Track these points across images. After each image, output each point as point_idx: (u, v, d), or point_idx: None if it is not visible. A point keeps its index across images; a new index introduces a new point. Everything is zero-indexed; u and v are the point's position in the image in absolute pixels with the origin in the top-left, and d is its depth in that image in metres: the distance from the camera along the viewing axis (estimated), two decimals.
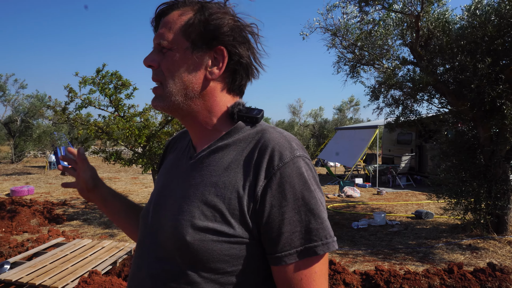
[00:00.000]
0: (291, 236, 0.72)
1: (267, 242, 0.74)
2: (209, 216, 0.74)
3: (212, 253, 0.73)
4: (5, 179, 13.35)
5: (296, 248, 0.72)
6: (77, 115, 6.73)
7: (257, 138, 0.79)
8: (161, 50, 0.81)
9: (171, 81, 0.80)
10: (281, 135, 0.79)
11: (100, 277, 3.66)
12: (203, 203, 0.76)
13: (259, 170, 0.74)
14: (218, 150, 0.81)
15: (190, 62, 0.80)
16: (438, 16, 5.55)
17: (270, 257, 0.75)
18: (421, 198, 9.24)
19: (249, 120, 0.83)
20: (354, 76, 6.96)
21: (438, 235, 5.91)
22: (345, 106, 30.08)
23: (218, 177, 0.77)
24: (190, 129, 0.87)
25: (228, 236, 0.73)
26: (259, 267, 0.77)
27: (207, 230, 0.73)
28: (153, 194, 0.90)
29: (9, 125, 20.36)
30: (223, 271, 0.75)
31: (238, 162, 0.78)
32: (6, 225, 6.35)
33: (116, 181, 12.91)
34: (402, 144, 12.99)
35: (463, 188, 5.50)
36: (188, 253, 0.74)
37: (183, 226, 0.75)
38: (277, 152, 0.75)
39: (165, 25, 0.81)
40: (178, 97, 0.80)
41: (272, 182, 0.73)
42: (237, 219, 0.74)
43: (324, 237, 0.73)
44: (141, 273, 0.82)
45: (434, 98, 6.25)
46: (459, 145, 5.75)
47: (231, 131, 0.83)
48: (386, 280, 3.76)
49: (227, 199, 0.75)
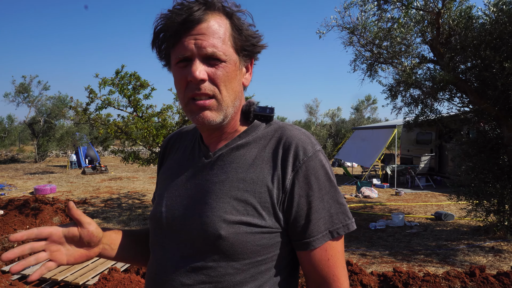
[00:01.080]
0: (317, 222, 0.80)
1: (295, 230, 0.81)
2: (241, 210, 0.79)
3: (245, 244, 0.78)
4: (29, 178, 13.78)
5: (322, 233, 0.80)
6: (97, 115, 6.88)
7: (278, 135, 0.85)
8: (207, 60, 0.78)
9: (225, 94, 0.81)
10: (301, 132, 0.86)
11: (120, 274, 3.74)
12: (233, 199, 0.80)
13: (286, 164, 0.81)
14: (238, 148, 0.86)
15: (238, 74, 0.84)
16: (460, 13, 5.41)
17: (298, 243, 0.82)
18: (441, 199, 9.02)
19: (264, 119, 0.88)
20: (372, 75, 6.86)
21: (458, 237, 5.76)
22: (362, 106, 29.69)
23: (244, 173, 0.82)
24: (208, 131, 0.87)
25: (260, 227, 0.79)
26: (283, 255, 0.84)
27: (240, 223, 0.78)
28: (161, 195, 0.89)
29: (33, 125, 21.02)
30: (254, 261, 0.80)
31: (262, 158, 0.83)
32: (30, 222, 6.55)
33: (134, 180, 13.14)
34: (422, 144, 12.72)
35: (486, 189, 5.34)
36: (222, 247, 0.77)
37: (215, 222, 0.78)
38: (301, 147, 0.82)
39: (210, 33, 0.77)
40: (231, 108, 0.83)
41: (299, 175, 0.80)
42: (268, 211, 0.79)
43: (343, 219, 0.82)
44: (167, 273, 0.82)
45: (455, 97, 6.10)
46: (481, 145, 5.58)
47: (249, 129, 0.88)
48: (405, 282, 3.69)
49: (257, 193, 0.80)
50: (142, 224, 6.82)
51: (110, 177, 13.97)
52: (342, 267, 0.83)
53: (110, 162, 20.78)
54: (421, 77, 5.97)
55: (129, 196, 9.80)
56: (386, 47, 6.33)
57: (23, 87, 21.01)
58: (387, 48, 6.33)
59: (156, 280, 0.84)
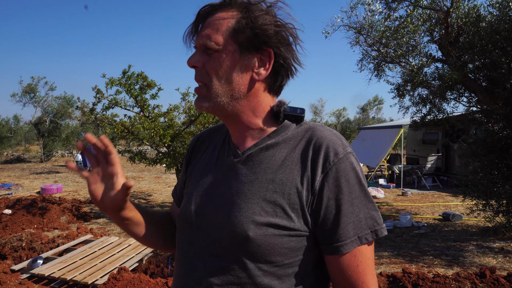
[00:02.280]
0: (346, 226, 0.77)
1: (323, 233, 0.79)
2: (270, 211, 0.78)
3: (273, 246, 0.77)
4: (36, 178, 13.87)
5: (351, 238, 0.77)
6: (104, 115, 6.90)
7: (308, 136, 0.83)
8: (205, 50, 0.82)
9: (216, 82, 0.81)
10: (332, 133, 0.84)
11: (129, 273, 3.74)
12: (262, 199, 0.79)
13: (316, 165, 0.79)
14: (268, 148, 0.84)
15: (238, 64, 0.81)
16: (468, 11, 5.36)
17: (326, 247, 0.79)
18: (448, 199, 8.96)
19: (294, 119, 0.86)
20: (379, 74, 6.83)
21: (467, 237, 5.71)
22: (368, 106, 29.59)
23: (274, 174, 0.80)
24: (232, 128, 0.88)
25: (288, 229, 0.77)
26: (311, 258, 0.81)
27: (269, 225, 0.77)
28: (190, 193, 0.90)
29: (39, 125, 21.17)
30: (281, 264, 0.78)
31: (292, 159, 0.81)
32: (38, 221, 6.59)
33: (140, 180, 13.18)
34: (428, 144, 12.64)
35: (494, 189, 5.29)
36: (250, 248, 0.77)
37: (244, 223, 0.77)
38: (331, 148, 0.80)
39: (211, 26, 0.81)
40: (224, 98, 0.82)
41: (328, 177, 0.78)
42: (297, 213, 0.78)
43: (372, 225, 0.79)
44: (197, 272, 0.83)
45: (463, 96, 6.05)
46: (489, 145, 5.53)
47: (279, 129, 0.85)
48: (414, 283, 3.67)
49: (286, 194, 0.78)
50: None
51: None
52: (372, 275, 0.80)
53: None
54: (428, 76, 5.93)
55: (135, 196, 9.83)
56: (393, 46, 6.29)
57: (30, 87, 21.18)
58: (394, 47, 6.30)
59: (184, 278, 0.85)
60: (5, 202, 8.19)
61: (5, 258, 4.75)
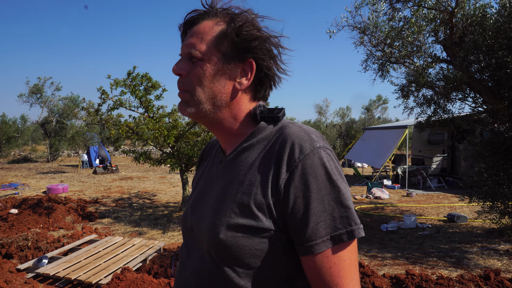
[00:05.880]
0: (316, 226, 0.74)
1: (294, 233, 0.77)
2: (238, 212, 0.78)
3: (244, 248, 0.77)
4: (42, 177, 13.99)
5: (322, 238, 0.74)
6: (109, 116, 6.95)
7: (278, 135, 0.82)
8: (190, 59, 0.84)
9: (200, 90, 0.83)
10: (301, 129, 0.82)
11: (132, 273, 3.77)
12: (233, 202, 0.80)
13: (280, 163, 0.77)
14: (243, 150, 0.86)
15: (221, 73, 0.83)
16: (474, 12, 5.32)
17: (298, 248, 0.77)
18: (453, 200, 8.89)
19: (271, 120, 0.86)
20: (383, 75, 6.79)
21: (472, 239, 5.67)
22: (373, 106, 29.43)
23: (244, 175, 0.82)
24: (217, 134, 0.92)
25: (257, 230, 0.76)
26: (290, 260, 0.80)
27: (237, 226, 0.77)
28: (189, 199, 0.98)
29: (45, 125, 21.35)
30: (256, 266, 0.78)
31: (262, 159, 0.81)
32: (44, 221, 6.66)
33: (144, 180, 13.24)
34: (433, 145, 12.56)
35: (500, 190, 5.25)
36: (222, 251, 0.78)
37: (217, 225, 0.79)
38: (297, 145, 0.77)
39: (196, 34, 0.83)
40: (206, 105, 0.84)
41: (294, 174, 0.75)
42: (264, 213, 0.77)
43: (348, 224, 0.75)
44: (186, 272, 0.88)
45: (468, 97, 6.00)
46: (495, 146, 5.49)
47: (255, 131, 0.87)
48: (418, 285, 3.65)
49: (253, 194, 0.78)
50: (153, 224, 6.87)
51: (121, 177, 14.10)
52: (349, 278, 0.75)
53: (121, 162, 20.98)
54: (433, 76, 5.89)
55: (140, 196, 9.88)
56: (398, 47, 6.26)
57: (37, 88, 21.37)
58: (398, 47, 6.27)
59: (177, 278, 0.92)
60: (11, 202, 8.28)
61: (11, 257, 4.81)
